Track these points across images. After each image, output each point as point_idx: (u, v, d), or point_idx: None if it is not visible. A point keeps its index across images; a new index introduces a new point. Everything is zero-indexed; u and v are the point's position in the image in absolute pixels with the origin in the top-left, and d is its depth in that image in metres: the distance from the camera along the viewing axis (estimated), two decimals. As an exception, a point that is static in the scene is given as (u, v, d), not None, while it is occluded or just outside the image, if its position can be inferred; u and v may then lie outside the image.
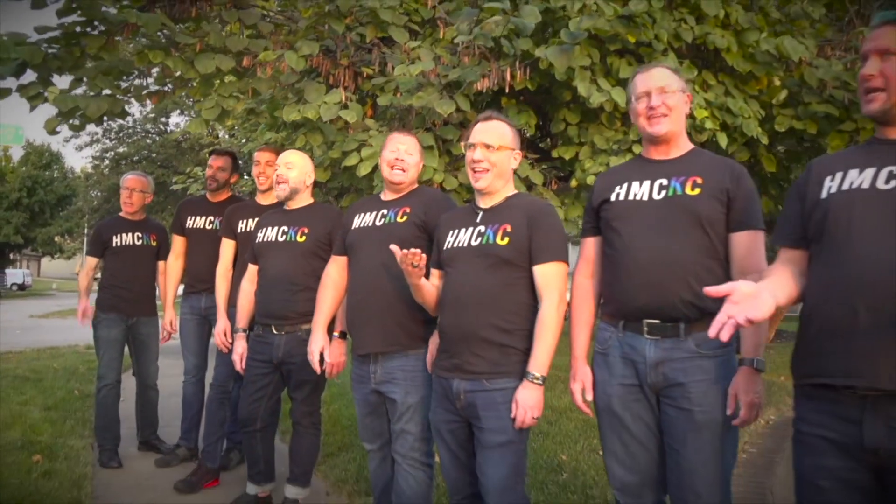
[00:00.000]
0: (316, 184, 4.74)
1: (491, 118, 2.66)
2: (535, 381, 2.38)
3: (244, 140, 8.08)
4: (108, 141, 29.46)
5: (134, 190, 4.71)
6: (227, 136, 14.92)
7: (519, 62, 3.78)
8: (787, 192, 2.14)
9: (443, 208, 2.91)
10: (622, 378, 2.31)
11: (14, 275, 41.60)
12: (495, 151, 2.56)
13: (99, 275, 4.86)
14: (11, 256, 42.50)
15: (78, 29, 3.80)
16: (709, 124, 3.93)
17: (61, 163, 38.42)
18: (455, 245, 2.59)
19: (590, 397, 2.37)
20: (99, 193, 30.54)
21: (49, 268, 66.11)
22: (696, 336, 2.20)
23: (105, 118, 4.18)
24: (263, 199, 4.18)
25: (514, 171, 4.19)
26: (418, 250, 2.48)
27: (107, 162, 29.84)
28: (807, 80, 4.47)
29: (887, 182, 1.74)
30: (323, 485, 4.22)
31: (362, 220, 3.02)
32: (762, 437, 5.61)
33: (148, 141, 28.30)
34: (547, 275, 2.47)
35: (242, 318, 3.66)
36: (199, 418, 4.43)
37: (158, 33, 3.90)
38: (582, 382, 2.38)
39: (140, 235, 4.70)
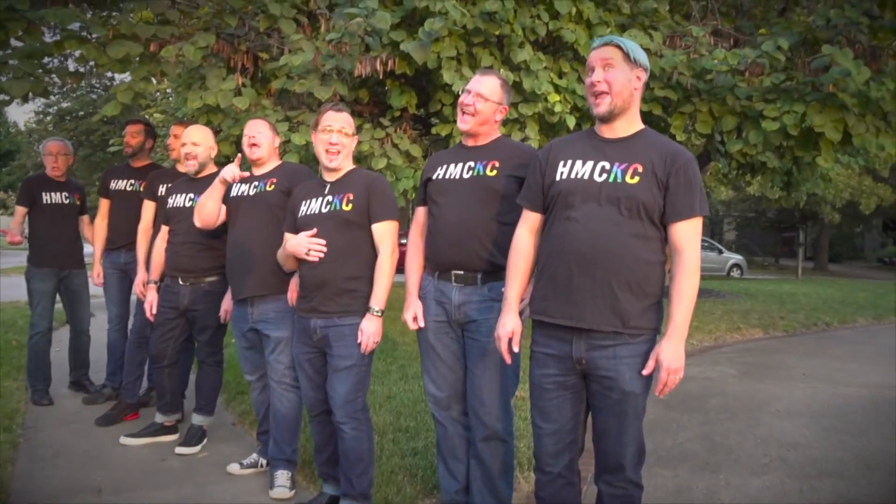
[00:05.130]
0: (225, 157, 5.29)
1: (341, 110, 3.29)
2: (376, 313, 2.96)
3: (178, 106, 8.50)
4: (51, 96, 28.89)
5: (59, 154, 5.18)
6: (166, 97, 15.10)
7: (390, 51, 4.37)
8: (531, 162, 2.54)
9: (303, 177, 3.52)
10: (435, 316, 2.94)
11: (-43, 230, 40.67)
12: (347, 136, 3.18)
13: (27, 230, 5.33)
14: (-46, 212, 41.45)
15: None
16: (559, 107, 4.59)
17: (4, 117, 37.50)
18: (308, 212, 3.21)
19: (422, 324, 2.91)
20: (43, 149, 29.75)
21: (-6, 224, 64.51)
22: (490, 284, 2.88)
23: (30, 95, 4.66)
24: (183, 167, 4.68)
25: (396, 145, 4.84)
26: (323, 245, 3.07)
27: (50, 117, 29.26)
28: (652, 69, 5.16)
29: (600, 175, 2.35)
30: (231, 417, 4.87)
31: (238, 189, 3.62)
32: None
33: (93, 96, 27.75)
34: (382, 231, 3.04)
35: (154, 271, 4.19)
36: (123, 362, 4.86)
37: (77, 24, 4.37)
38: (414, 312, 2.92)
39: (66, 195, 5.14)
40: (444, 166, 2.95)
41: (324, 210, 3.14)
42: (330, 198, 3.14)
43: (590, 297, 2.29)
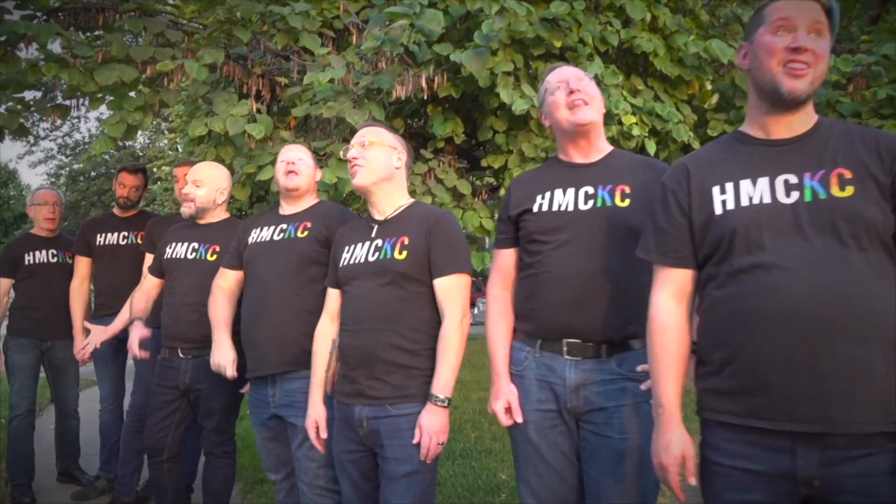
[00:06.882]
0: (234, 199, 4.55)
1: (368, 124, 2.61)
2: (440, 403, 2.24)
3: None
4: (63, 157, 28.77)
5: (56, 204, 4.49)
6: (178, 150, 14.58)
7: (435, 68, 3.64)
8: (661, 197, 1.78)
9: (343, 222, 2.76)
10: (538, 403, 2.14)
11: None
12: (367, 147, 2.42)
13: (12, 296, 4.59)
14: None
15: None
16: (636, 130, 3.82)
17: (17, 180, 37.59)
18: (351, 262, 2.45)
19: (520, 419, 2.15)
20: (56, 210, 29.64)
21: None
22: (619, 356, 2.05)
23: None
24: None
25: (441, 181, 4.05)
26: None
27: (63, 179, 29.09)
28: (738, 84, 4.41)
29: (787, 195, 1.55)
30: (250, 512, 4.04)
31: (260, 234, 2.87)
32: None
33: (105, 156, 27.59)
34: (448, 288, 2.33)
35: (138, 311, 3.35)
36: (119, 448, 4.24)
37: (60, 45, 3.71)
38: (507, 401, 2.17)
39: (55, 253, 4.47)
40: (547, 193, 2.16)
41: (370, 258, 2.39)
42: (379, 242, 2.40)
43: (833, 383, 1.43)
